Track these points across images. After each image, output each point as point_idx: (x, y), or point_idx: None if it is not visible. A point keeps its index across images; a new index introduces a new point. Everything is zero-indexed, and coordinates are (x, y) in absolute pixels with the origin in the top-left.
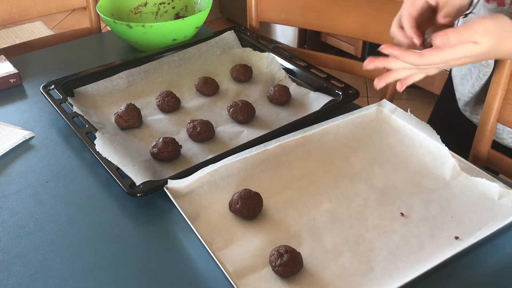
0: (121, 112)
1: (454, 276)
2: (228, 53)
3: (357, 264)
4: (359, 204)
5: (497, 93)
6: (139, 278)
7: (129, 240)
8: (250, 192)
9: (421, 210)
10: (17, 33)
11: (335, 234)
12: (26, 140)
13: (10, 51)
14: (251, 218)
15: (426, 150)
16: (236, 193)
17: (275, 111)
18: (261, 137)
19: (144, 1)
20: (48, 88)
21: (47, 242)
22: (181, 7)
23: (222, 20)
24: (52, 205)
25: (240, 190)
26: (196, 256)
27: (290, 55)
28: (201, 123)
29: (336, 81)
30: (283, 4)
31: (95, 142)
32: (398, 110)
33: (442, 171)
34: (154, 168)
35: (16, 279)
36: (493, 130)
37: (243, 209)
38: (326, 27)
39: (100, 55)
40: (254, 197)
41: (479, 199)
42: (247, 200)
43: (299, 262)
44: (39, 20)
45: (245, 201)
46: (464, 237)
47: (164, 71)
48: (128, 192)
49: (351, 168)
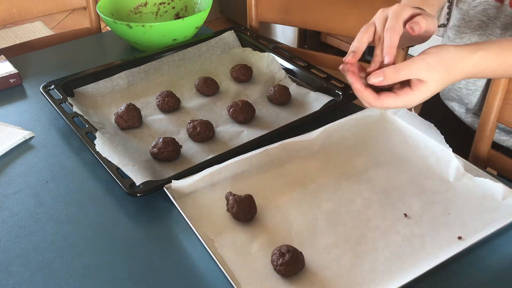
0: (121, 112)
1: (456, 275)
2: (228, 53)
3: (359, 264)
4: (361, 205)
5: (497, 93)
6: (139, 278)
7: (129, 240)
8: (241, 196)
9: (424, 210)
10: (17, 33)
11: (337, 234)
12: (26, 140)
13: (10, 51)
14: (248, 221)
15: (430, 151)
16: (231, 196)
17: (275, 111)
18: (261, 137)
19: (144, 1)
20: (48, 88)
21: (47, 242)
22: (181, 7)
23: (222, 20)
24: (52, 205)
25: (234, 194)
26: (196, 256)
27: (290, 55)
28: (201, 123)
29: (336, 81)
30: (283, 4)
31: (95, 142)
32: (402, 110)
33: (446, 172)
34: (154, 168)
35: (16, 279)
36: (493, 130)
37: (239, 213)
38: (326, 27)
39: (100, 55)
40: (246, 200)
41: (483, 200)
42: (241, 203)
43: (300, 262)
44: (39, 20)
45: (239, 204)
46: (467, 237)
47: (164, 71)
48: (128, 192)
49: (354, 169)
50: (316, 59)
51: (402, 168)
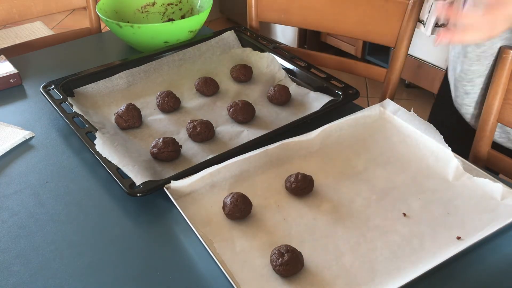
0: (121, 112)
1: (455, 276)
2: (228, 53)
3: (358, 264)
4: (360, 204)
5: (497, 93)
6: (139, 278)
7: (129, 240)
8: (238, 196)
9: (423, 210)
10: (17, 33)
11: (336, 234)
12: (26, 140)
13: (10, 51)
14: (244, 217)
15: (429, 150)
16: (227, 197)
17: (275, 111)
18: (261, 137)
19: (152, 0)
20: (48, 88)
21: (47, 242)
22: (188, 10)
23: (222, 20)
24: (52, 205)
25: (231, 195)
26: (195, 256)
27: (290, 55)
28: (201, 123)
29: (336, 81)
30: (283, 4)
31: (95, 142)
32: (401, 110)
33: (445, 172)
34: (154, 168)
35: (16, 279)
36: (493, 130)
37: (235, 213)
38: (326, 27)
39: (100, 55)
40: (243, 200)
41: (482, 200)
42: (238, 201)
43: (300, 262)
44: (39, 20)
45: (236, 203)
46: (466, 237)
47: (164, 71)
48: (128, 192)
49: (353, 168)
50: (316, 59)
51: (402, 167)
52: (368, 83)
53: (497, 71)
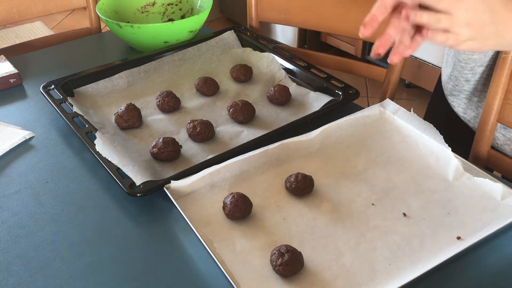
0: (121, 112)
1: (455, 276)
2: (228, 53)
3: (358, 264)
4: (360, 204)
5: (497, 93)
6: (139, 278)
7: (129, 240)
8: (238, 196)
9: (423, 210)
10: (17, 33)
11: (336, 234)
12: (26, 140)
13: (10, 51)
14: (244, 217)
15: (429, 150)
16: (228, 197)
17: (275, 111)
18: (261, 137)
19: (152, 0)
20: (48, 88)
21: (47, 242)
22: (188, 10)
23: (222, 20)
24: (52, 205)
25: (231, 195)
26: (195, 256)
27: (290, 55)
28: (201, 123)
29: (336, 81)
30: (283, 4)
31: (95, 142)
32: (401, 110)
33: (445, 172)
34: (154, 168)
35: (16, 279)
36: (493, 130)
37: (235, 213)
38: (326, 27)
39: (100, 55)
40: (243, 200)
41: (482, 199)
42: (238, 202)
43: (300, 262)
44: (39, 20)
45: (236, 203)
46: (466, 237)
47: (164, 71)
48: (128, 192)
49: (353, 168)
50: (316, 59)
51: (401, 167)
52: (368, 83)
53: (497, 71)
